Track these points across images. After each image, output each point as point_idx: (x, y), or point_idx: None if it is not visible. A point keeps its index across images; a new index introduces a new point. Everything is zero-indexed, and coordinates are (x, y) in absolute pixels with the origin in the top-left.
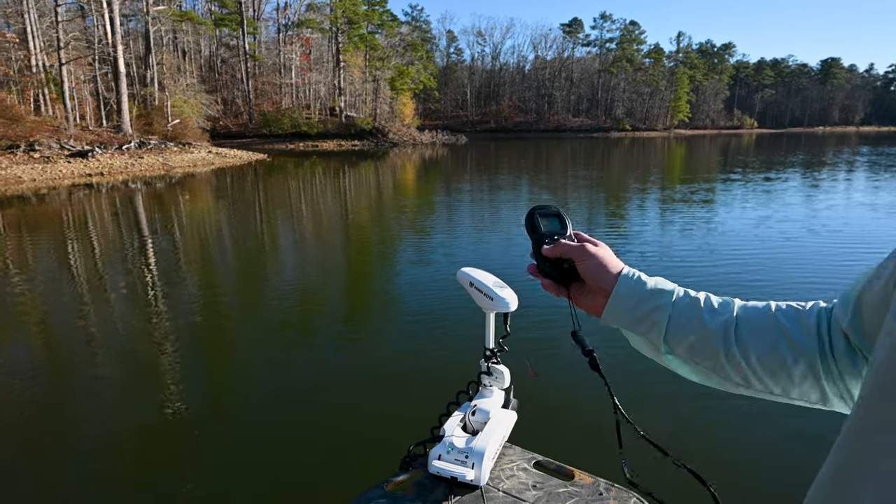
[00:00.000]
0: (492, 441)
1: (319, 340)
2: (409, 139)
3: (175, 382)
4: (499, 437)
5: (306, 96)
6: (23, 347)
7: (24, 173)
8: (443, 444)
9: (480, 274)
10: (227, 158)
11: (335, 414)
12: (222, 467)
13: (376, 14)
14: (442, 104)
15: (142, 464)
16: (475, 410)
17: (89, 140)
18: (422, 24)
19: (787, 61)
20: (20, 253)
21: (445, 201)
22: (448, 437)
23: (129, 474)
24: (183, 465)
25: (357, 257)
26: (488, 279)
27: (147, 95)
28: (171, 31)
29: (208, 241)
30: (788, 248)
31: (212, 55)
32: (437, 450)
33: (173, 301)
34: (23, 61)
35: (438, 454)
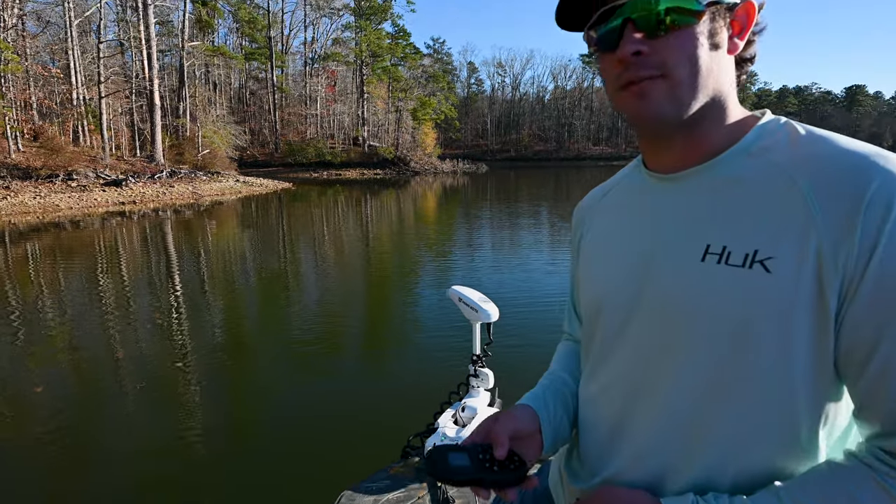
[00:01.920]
0: None
1: (333, 359)
2: (430, 168)
3: (197, 404)
4: None
5: (330, 126)
6: (52, 369)
7: (62, 201)
8: (436, 435)
9: (468, 291)
10: (253, 187)
11: (346, 416)
12: (240, 476)
13: (400, 47)
14: (463, 133)
15: (164, 481)
16: (464, 407)
17: (123, 169)
18: (443, 56)
19: (811, 88)
20: (53, 277)
21: (465, 229)
22: (441, 429)
23: (151, 489)
24: (203, 480)
25: (376, 282)
26: (474, 295)
27: (179, 126)
28: (203, 65)
29: (233, 268)
30: None
31: (241, 87)
32: (432, 439)
33: (198, 325)
34: (65, 95)
35: (433, 443)
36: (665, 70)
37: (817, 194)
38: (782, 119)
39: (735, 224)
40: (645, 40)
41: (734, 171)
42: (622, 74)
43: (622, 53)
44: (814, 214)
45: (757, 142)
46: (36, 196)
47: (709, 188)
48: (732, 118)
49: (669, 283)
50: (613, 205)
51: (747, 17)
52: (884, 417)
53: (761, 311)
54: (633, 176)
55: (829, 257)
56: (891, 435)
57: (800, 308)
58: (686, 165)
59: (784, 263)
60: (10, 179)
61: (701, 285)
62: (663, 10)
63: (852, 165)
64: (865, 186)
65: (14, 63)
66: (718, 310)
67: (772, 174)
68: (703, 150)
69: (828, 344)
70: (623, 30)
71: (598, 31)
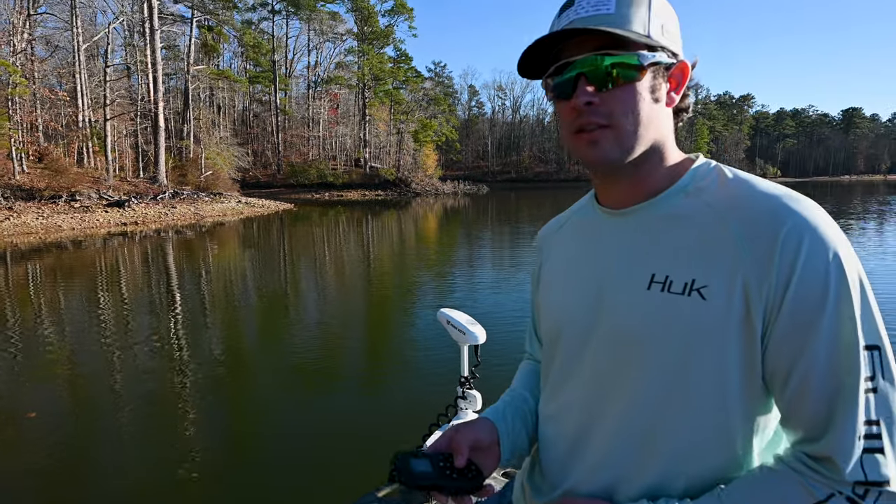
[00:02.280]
0: None
1: (327, 380)
2: (431, 189)
3: (192, 423)
4: None
5: (333, 148)
6: (51, 391)
7: (64, 222)
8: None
9: (456, 313)
10: (255, 208)
11: (337, 437)
12: (238, 493)
13: (401, 71)
14: (463, 155)
15: (160, 498)
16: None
17: (126, 190)
18: (444, 79)
19: (808, 111)
20: (53, 298)
21: (465, 249)
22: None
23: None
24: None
25: (375, 303)
26: (462, 317)
27: (183, 148)
28: (208, 87)
29: (233, 288)
30: None
31: (245, 110)
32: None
33: (197, 345)
34: (71, 117)
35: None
36: (612, 120)
37: (743, 235)
38: (712, 163)
39: (676, 256)
40: (595, 93)
41: (674, 209)
42: (575, 121)
43: (576, 103)
44: (741, 251)
45: (692, 183)
46: (38, 217)
47: (652, 223)
48: (671, 161)
49: (620, 309)
50: (569, 236)
51: (682, 75)
52: (805, 425)
53: (699, 333)
54: (586, 209)
55: (753, 287)
56: (812, 440)
57: (731, 331)
58: (632, 202)
59: (717, 292)
60: (14, 200)
61: (648, 311)
62: (609, 64)
63: (769, 209)
64: (779, 228)
65: (22, 86)
66: (663, 333)
67: (706, 213)
68: (646, 189)
69: (756, 362)
70: (577, 82)
71: (555, 80)
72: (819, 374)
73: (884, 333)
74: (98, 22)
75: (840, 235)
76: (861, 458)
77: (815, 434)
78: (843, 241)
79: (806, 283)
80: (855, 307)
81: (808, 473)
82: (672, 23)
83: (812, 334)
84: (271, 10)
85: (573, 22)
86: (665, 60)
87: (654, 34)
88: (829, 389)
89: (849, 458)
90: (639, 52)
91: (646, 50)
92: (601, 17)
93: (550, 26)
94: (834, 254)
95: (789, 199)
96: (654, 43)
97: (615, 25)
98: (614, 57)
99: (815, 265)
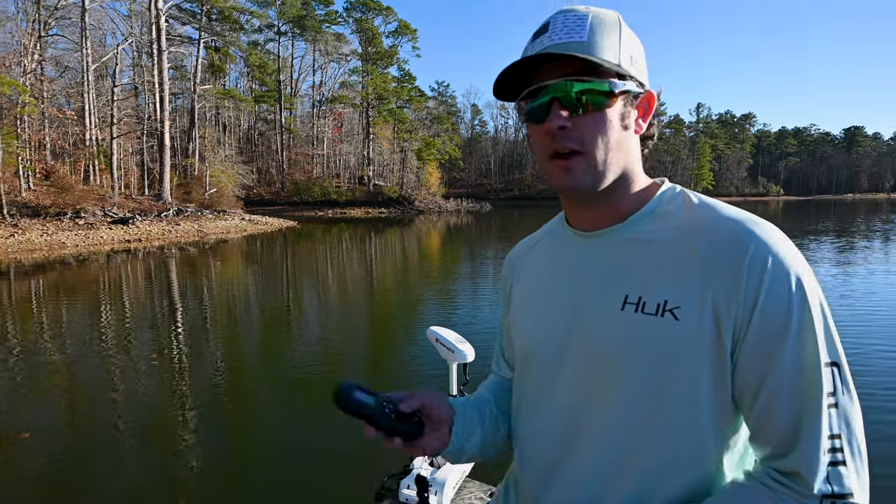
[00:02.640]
0: (452, 474)
1: (322, 397)
2: (434, 207)
3: (195, 444)
4: (459, 472)
5: (336, 166)
6: (49, 407)
7: (68, 239)
8: (410, 476)
9: (445, 331)
10: (258, 225)
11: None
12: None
13: (405, 90)
14: (466, 173)
15: None
16: None
17: (131, 208)
18: (448, 98)
19: (810, 130)
20: (55, 315)
21: (468, 267)
22: (416, 470)
23: None
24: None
25: (378, 320)
26: (451, 335)
27: (188, 166)
28: (214, 107)
29: (234, 305)
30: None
31: (250, 128)
32: (406, 481)
33: (197, 363)
34: (78, 135)
35: (407, 485)
36: (584, 146)
37: (711, 257)
38: (678, 188)
39: (648, 278)
40: (569, 117)
41: (643, 233)
42: (550, 145)
43: (549, 126)
44: (709, 273)
45: (659, 207)
46: (43, 234)
47: (623, 246)
48: (639, 186)
49: (595, 330)
50: (541, 257)
51: (649, 104)
52: (773, 441)
53: (673, 353)
54: (557, 231)
55: (722, 307)
56: (780, 456)
57: (703, 350)
58: (603, 225)
59: (689, 312)
60: (20, 217)
61: (622, 332)
62: (581, 90)
63: (734, 232)
64: (745, 252)
65: (31, 106)
66: (638, 353)
67: (675, 236)
68: (616, 213)
69: (726, 380)
70: (550, 107)
71: (528, 104)
72: (786, 390)
73: (841, 350)
74: (107, 43)
75: (800, 257)
76: (827, 472)
77: (782, 450)
78: (803, 263)
79: (771, 302)
80: (817, 325)
81: (777, 488)
82: (639, 53)
83: (779, 350)
84: (277, 31)
85: (547, 48)
86: (634, 89)
87: (624, 64)
88: (795, 406)
89: (816, 472)
90: (610, 80)
91: (616, 78)
92: (574, 45)
93: (524, 51)
94: (797, 275)
95: (751, 223)
96: (623, 72)
97: (588, 53)
98: (587, 83)
99: (780, 286)
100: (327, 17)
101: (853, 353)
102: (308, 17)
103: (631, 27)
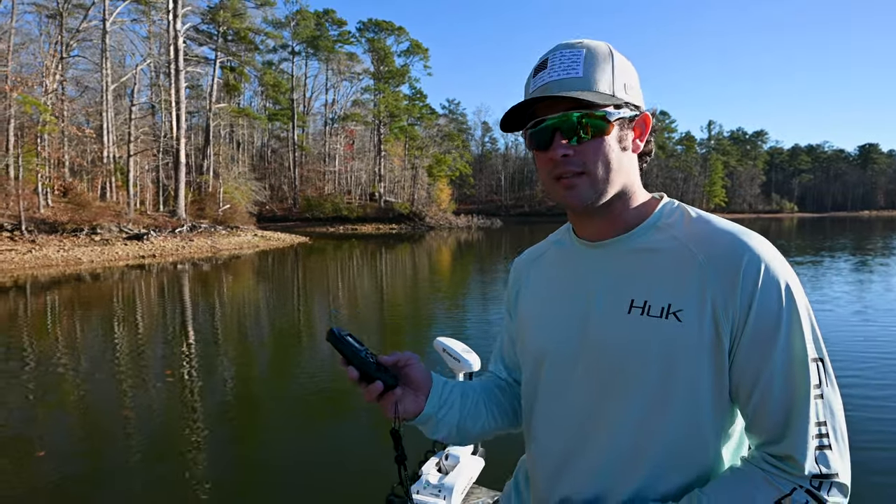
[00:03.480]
0: (460, 479)
1: (337, 410)
2: (445, 223)
3: (206, 460)
4: (466, 477)
5: (348, 182)
6: (61, 423)
7: (84, 255)
8: (420, 482)
9: (451, 341)
10: (270, 241)
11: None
12: None
13: (416, 108)
14: (477, 190)
15: None
16: (447, 455)
17: (146, 224)
18: (458, 116)
19: (823, 147)
20: (69, 330)
21: (478, 282)
22: (425, 476)
23: None
24: None
25: (390, 331)
26: (457, 345)
27: (202, 183)
28: (228, 124)
29: (246, 320)
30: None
31: (263, 146)
32: (416, 486)
33: (208, 378)
34: (96, 153)
35: (417, 489)
36: (586, 168)
37: (710, 265)
38: (676, 202)
39: (652, 284)
40: (569, 146)
41: (647, 242)
42: (554, 170)
43: (553, 155)
44: (709, 280)
45: (661, 219)
46: (59, 249)
47: (628, 254)
48: (639, 200)
49: (604, 332)
50: (549, 265)
51: (645, 125)
52: (768, 430)
53: (677, 352)
54: (563, 241)
55: (721, 311)
56: (774, 442)
57: (704, 349)
58: (608, 235)
59: (690, 315)
60: (37, 233)
61: (630, 333)
62: (581, 122)
63: (730, 244)
64: (740, 261)
65: (51, 124)
66: (645, 352)
67: (677, 247)
68: (619, 225)
69: (724, 377)
70: (553, 136)
71: (532, 132)
72: (778, 383)
73: (824, 347)
74: (126, 63)
75: (787, 266)
76: (815, 455)
77: (776, 437)
78: (790, 272)
79: (764, 306)
80: (804, 326)
81: (772, 471)
82: (633, 79)
83: (771, 348)
84: (291, 51)
85: (548, 84)
86: (629, 114)
87: (619, 93)
88: (786, 397)
89: (806, 456)
90: (606, 110)
91: (612, 107)
92: (571, 81)
93: (526, 84)
94: (786, 282)
95: (745, 236)
96: (618, 101)
97: (584, 88)
98: (586, 117)
99: (771, 292)
100: (340, 38)
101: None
102: (321, 38)
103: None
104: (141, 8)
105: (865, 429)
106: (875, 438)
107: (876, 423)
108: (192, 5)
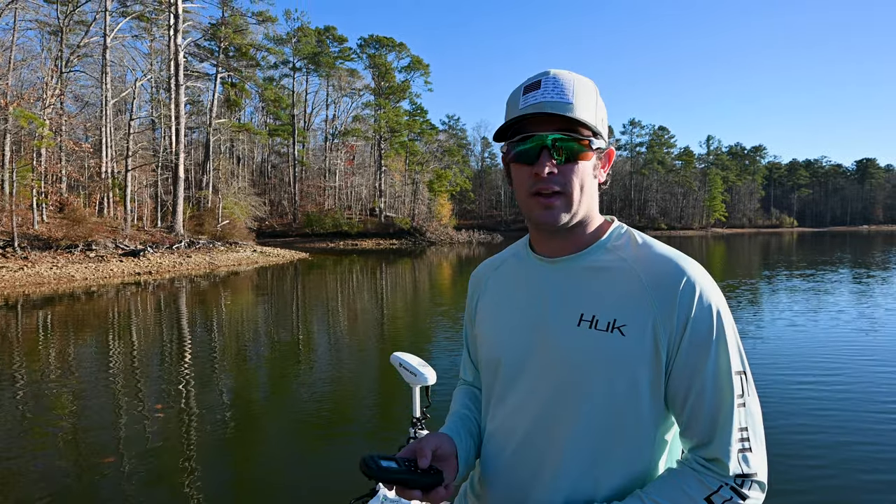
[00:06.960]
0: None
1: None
2: (445, 238)
3: (200, 482)
4: None
5: (348, 198)
6: (53, 443)
7: (78, 272)
8: (377, 498)
9: (407, 356)
10: (270, 257)
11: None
12: None
13: (417, 124)
14: (477, 205)
15: None
16: None
17: (143, 240)
18: (458, 131)
19: (821, 162)
20: (60, 350)
21: None
22: (381, 492)
23: None
24: None
25: (388, 348)
26: (413, 360)
27: (201, 198)
28: (229, 140)
29: (243, 339)
30: None
31: (263, 161)
32: (373, 502)
33: (204, 396)
34: (94, 168)
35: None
36: (564, 189)
37: (652, 285)
38: (624, 226)
39: (600, 300)
40: (555, 165)
41: (597, 262)
42: (535, 185)
43: (539, 170)
44: (650, 299)
45: (610, 241)
46: (52, 266)
47: (580, 272)
48: (595, 223)
49: (556, 342)
50: (507, 275)
51: (608, 158)
52: (699, 434)
53: (620, 364)
54: (521, 254)
55: (660, 328)
56: (704, 446)
57: (644, 362)
58: (564, 253)
59: (633, 330)
60: (30, 250)
61: (578, 343)
62: (569, 144)
63: (670, 268)
64: (677, 284)
65: (47, 139)
66: (592, 363)
67: (624, 267)
68: (575, 244)
69: (660, 387)
70: (541, 154)
71: (518, 147)
72: (708, 392)
73: (746, 361)
74: (127, 79)
75: (717, 290)
76: (738, 456)
77: (705, 441)
78: (720, 295)
79: (698, 325)
80: (730, 344)
81: (702, 471)
82: (605, 115)
83: (703, 362)
84: (292, 67)
85: (542, 103)
86: (603, 146)
87: (599, 125)
88: (715, 406)
89: (731, 457)
90: (590, 138)
91: (593, 136)
92: (564, 105)
93: (513, 100)
94: (716, 305)
95: (683, 261)
96: (598, 131)
97: (574, 113)
98: (573, 140)
99: (704, 313)
100: (341, 54)
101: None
102: (322, 54)
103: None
104: (142, 24)
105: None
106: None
107: (884, 434)
108: (194, 21)
